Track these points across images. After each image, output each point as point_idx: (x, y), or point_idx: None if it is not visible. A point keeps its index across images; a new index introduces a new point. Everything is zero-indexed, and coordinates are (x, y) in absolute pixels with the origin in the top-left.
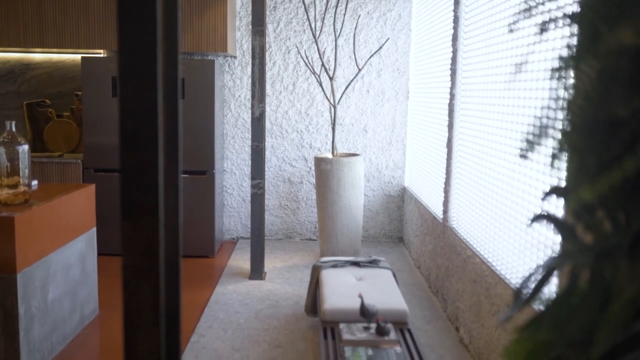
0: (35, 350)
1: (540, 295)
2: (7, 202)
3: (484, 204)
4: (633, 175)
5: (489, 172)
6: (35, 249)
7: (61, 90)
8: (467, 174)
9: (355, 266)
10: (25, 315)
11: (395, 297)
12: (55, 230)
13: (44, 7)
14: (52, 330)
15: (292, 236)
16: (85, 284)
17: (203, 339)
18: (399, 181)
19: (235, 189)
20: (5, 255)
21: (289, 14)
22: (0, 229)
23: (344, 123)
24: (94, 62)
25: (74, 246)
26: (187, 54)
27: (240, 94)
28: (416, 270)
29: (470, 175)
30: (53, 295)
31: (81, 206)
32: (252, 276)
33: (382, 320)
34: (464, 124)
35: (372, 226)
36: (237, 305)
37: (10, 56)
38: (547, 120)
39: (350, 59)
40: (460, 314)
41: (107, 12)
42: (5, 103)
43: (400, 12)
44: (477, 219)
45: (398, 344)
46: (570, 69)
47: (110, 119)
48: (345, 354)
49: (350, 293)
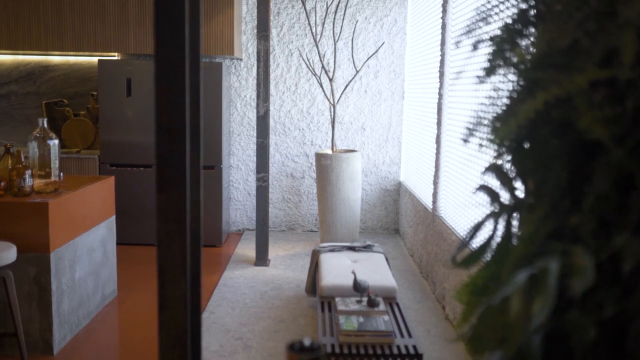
0: (65, 323)
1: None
2: (40, 191)
3: (467, 194)
4: (534, 119)
5: (472, 165)
6: (65, 232)
7: (78, 91)
8: (454, 167)
9: (351, 250)
10: (57, 290)
11: (385, 276)
12: (81, 217)
13: (64, 13)
14: (79, 305)
15: (295, 228)
16: (105, 267)
17: (213, 315)
18: (394, 176)
19: (241, 183)
20: (40, 236)
21: (291, 19)
22: (37, 213)
23: (343, 121)
24: (109, 64)
25: (97, 231)
26: None
27: (245, 94)
28: (409, 258)
29: (456, 168)
30: (79, 274)
31: (102, 196)
32: (257, 263)
33: (373, 294)
34: (451, 122)
35: (369, 218)
36: (243, 288)
37: (31, 59)
38: (482, 114)
39: (349, 61)
40: (446, 293)
41: (121, 18)
42: (25, 102)
43: (396, 17)
44: (462, 208)
45: (386, 313)
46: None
47: (124, 117)
48: (339, 322)
49: (345, 273)
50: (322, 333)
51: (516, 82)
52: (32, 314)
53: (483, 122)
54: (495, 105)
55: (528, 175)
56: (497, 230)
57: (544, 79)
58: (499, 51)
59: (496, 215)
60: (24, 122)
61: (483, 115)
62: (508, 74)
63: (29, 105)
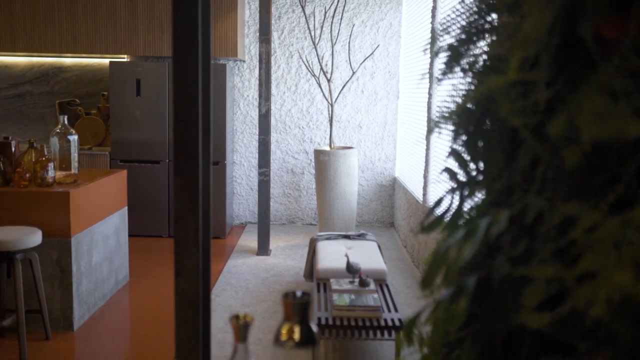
0: (83, 302)
1: (440, 215)
2: (60, 182)
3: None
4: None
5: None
6: (83, 219)
7: (89, 91)
8: (442, 161)
9: (346, 239)
10: (77, 272)
11: (377, 260)
12: (97, 206)
13: (77, 17)
14: (95, 288)
15: (295, 221)
16: (118, 254)
17: (218, 298)
18: (390, 172)
19: (244, 178)
20: (63, 222)
21: (291, 23)
22: (59, 201)
23: (340, 120)
24: (120, 66)
25: (111, 220)
26: None
27: (248, 94)
28: (403, 249)
29: (443, 162)
30: (96, 259)
31: (116, 188)
32: (259, 252)
33: (364, 275)
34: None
35: (366, 212)
36: (246, 274)
37: (45, 60)
38: (445, 109)
39: (346, 63)
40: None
41: (131, 22)
42: (40, 102)
43: (391, 21)
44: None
45: (376, 292)
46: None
47: (134, 116)
48: (333, 299)
49: (340, 258)
50: (317, 308)
51: (469, 83)
52: (54, 293)
53: (444, 115)
54: (454, 102)
55: (477, 158)
56: (454, 202)
57: (482, 79)
58: (454, 57)
59: (453, 190)
60: (38, 121)
61: (445, 109)
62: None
63: (43, 104)
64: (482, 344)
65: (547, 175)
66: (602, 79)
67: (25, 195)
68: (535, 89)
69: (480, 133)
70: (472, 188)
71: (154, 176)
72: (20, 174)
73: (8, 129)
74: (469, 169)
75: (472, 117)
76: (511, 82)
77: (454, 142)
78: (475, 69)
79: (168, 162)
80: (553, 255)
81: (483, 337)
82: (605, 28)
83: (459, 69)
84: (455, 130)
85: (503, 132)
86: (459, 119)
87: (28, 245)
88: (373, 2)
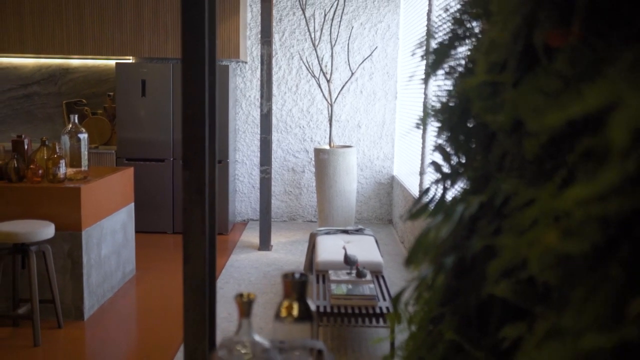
0: (93, 293)
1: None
2: (71, 178)
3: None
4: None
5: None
6: (93, 214)
7: (95, 91)
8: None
9: (344, 233)
10: (87, 264)
11: (373, 253)
12: (106, 201)
13: (85, 21)
14: (104, 280)
15: (295, 218)
16: (126, 248)
17: (222, 290)
18: (388, 170)
19: (246, 177)
20: (74, 216)
21: (292, 25)
22: (71, 196)
23: (340, 119)
24: (126, 67)
25: (119, 216)
26: None
27: (250, 94)
28: (400, 245)
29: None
30: (104, 252)
31: (123, 184)
32: (260, 247)
33: (361, 266)
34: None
35: (365, 210)
36: (248, 268)
37: (52, 62)
38: (430, 107)
39: (345, 64)
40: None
41: (137, 25)
42: (48, 102)
43: (389, 23)
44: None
45: (372, 282)
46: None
47: (139, 116)
48: (331, 288)
49: (339, 251)
50: (316, 297)
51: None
52: (66, 284)
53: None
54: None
55: (459, 151)
56: (438, 191)
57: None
58: (438, 60)
59: (437, 181)
60: (46, 120)
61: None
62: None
63: (50, 104)
64: (460, 316)
65: (513, 164)
66: (537, 80)
67: (39, 191)
68: (503, 89)
69: (461, 129)
70: (453, 179)
71: (158, 174)
72: (33, 171)
73: (17, 128)
74: (452, 162)
75: (454, 115)
76: (482, 82)
77: (439, 137)
78: (457, 71)
79: (172, 161)
80: (511, 229)
81: (460, 310)
82: (551, 37)
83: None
84: (440, 126)
85: (480, 127)
86: (442, 116)
87: (42, 237)
88: (372, 4)
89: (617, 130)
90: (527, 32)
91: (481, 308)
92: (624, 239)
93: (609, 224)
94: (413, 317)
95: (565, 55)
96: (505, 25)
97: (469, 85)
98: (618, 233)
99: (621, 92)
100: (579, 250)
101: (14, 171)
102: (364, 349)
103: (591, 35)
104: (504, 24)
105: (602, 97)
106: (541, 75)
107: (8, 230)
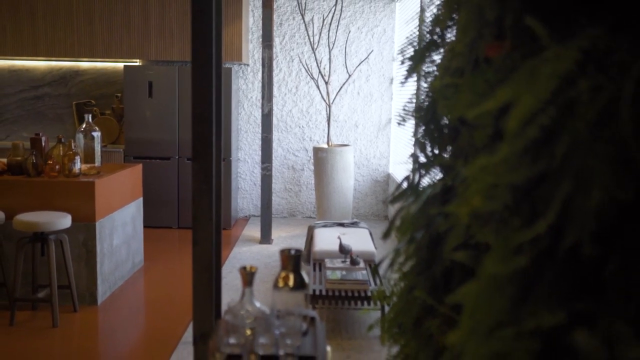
0: (106, 280)
1: (404, 189)
2: (85, 173)
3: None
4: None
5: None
6: (106, 206)
7: (104, 92)
8: None
9: (340, 226)
10: (100, 253)
11: (367, 244)
12: (117, 195)
13: (95, 25)
14: (115, 268)
15: (295, 214)
16: (135, 239)
17: (225, 279)
18: (384, 168)
19: (248, 174)
20: (89, 208)
21: (292, 29)
22: (86, 190)
23: (338, 120)
24: (134, 69)
25: (128, 209)
26: None
27: (252, 96)
28: (395, 240)
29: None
30: (116, 242)
31: (132, 180)
32: (262, 241)
33: (355, 255)
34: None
35: (362, 206)
36: (250, 260)
37: (63, 64)
38: (409, 105)
39: (343, 67)
40: None
41: (144, 29)
42: (58, 103)
43: (385, 27)
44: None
45: (365, 270)
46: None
47: (146, 116)
48: (327, 274)
49: (334, 242)
50: (313, 282)
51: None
52: (80, 271)
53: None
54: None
55: (433, 144)
56: (415, 179)
57: None
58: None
59: (414, 170)
60: (56, 120)
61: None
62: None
63: (60, 105)
64: (430, 281)
65: (469, 152)
66: (473, 83)
67: (56, 185)
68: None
69: (434, 124)
70: (427, 167)
71: (164, 172)
72: (51, 166)
73: (28, 128)
74: (427, 153)
75: (428, 112)
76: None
77: (416, 132)
78: (431, 74)
79: (178, 159)
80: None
81: (431, 276)
82: (489, 49)
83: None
84: (417, 123)
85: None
86: (418, 114)
87: (60, 227)
88: (368, 9)
89: (512, 120)
90: (479, 44)
91: (445, 273)
92: (524, 202)
93: (516, 190)
94: (394, 288)
95: (493, 65)
96: (463, 37)
97: (434, 86)
98: (522, 198)
99: (519, 93)
100: (494, 208)
101: (32, 166)
102: (357, 330)
103: (517, 48)
104: (462, 37)
105: (507, 96)
106: (476, 79)
107: (29, 219)
